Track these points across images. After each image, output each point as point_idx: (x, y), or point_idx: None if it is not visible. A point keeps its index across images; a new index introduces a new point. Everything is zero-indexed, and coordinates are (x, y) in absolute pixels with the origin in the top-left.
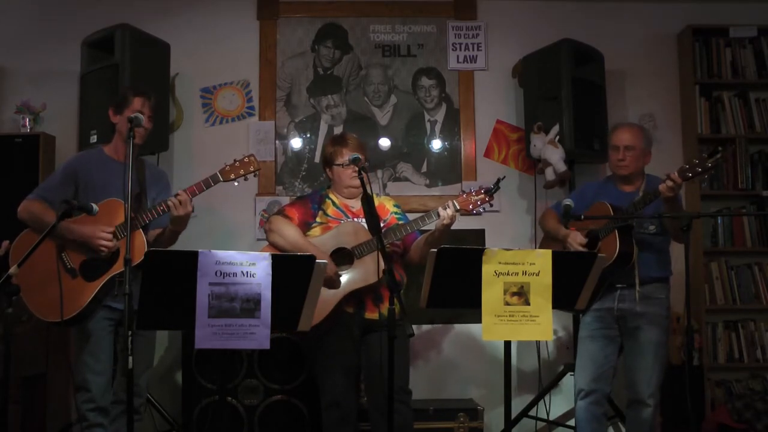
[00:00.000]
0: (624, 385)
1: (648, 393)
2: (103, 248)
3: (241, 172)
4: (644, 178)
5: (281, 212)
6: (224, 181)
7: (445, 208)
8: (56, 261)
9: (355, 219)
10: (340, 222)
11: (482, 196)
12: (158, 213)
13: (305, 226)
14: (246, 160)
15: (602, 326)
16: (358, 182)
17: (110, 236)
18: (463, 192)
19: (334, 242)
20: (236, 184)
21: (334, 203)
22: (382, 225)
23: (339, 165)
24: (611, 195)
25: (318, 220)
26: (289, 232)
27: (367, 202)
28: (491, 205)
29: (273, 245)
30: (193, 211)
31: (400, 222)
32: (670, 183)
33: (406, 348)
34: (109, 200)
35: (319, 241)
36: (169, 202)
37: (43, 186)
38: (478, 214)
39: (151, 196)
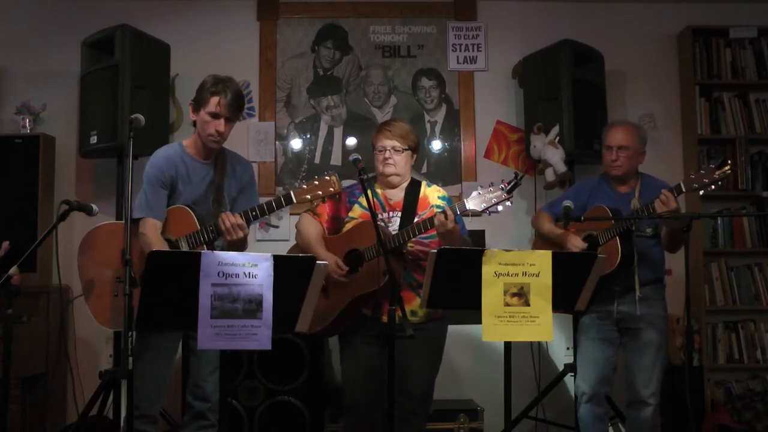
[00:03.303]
0: (624, 386)
1: (649, 393)
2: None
3: (319, 193)
4: (639, 177)
5: (312, 208)
6: (298, 202)
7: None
8: (123, 267)
9: (391, 212)
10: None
11: (499, 192)
12: (212, 235)
13: (336, 222)
14: (327, 178)
15: (602, 329)
16: (389, 170)
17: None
18: (481, 187)
19: (348, 243)
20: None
21: (375, 193)
22: (416, 220)
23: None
24: (607, 196)
25: (351, 215)
26: (307, 232)
27: (411, 193)
28: (511, 203)
29: (298, 244)
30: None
31: None
32: (663, 198)
33: (433, 353)
34: (175, 207)
35: (333, 242)
36: (222, 227)
37: (145, 202)
38: (495, 212)
39: (231, 195)
